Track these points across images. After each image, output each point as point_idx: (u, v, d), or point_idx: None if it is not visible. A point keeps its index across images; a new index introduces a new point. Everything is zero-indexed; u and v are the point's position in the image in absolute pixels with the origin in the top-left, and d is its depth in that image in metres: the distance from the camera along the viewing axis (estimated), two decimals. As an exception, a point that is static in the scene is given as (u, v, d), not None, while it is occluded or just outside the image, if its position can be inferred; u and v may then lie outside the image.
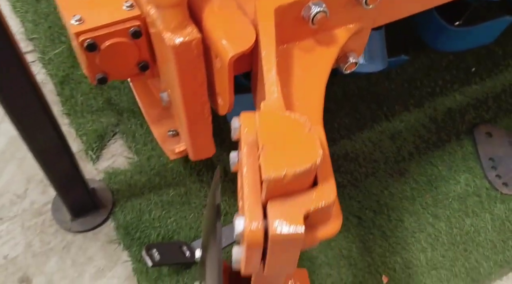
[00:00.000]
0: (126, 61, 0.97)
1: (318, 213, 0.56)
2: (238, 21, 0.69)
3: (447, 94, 1.58)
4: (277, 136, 0.54)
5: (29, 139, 1.01)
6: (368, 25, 0.78)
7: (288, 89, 0.69)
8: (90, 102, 1.47)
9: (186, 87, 0.74)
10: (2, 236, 1.28)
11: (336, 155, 1.44)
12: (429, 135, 1.50)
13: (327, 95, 1.51)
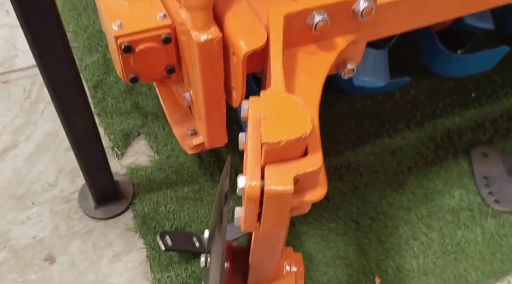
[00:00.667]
0: (156, 64, 1.12)
1: (307, 178, 0.68)
2: (253, 24, 0.84)
3: (447, 116, 1.69)
4: (276, 111, 0.67)
5: (69, 127, 1.16)
6: (365, 36, 0.92)
7: (291, 86, 0.83)
8: (119, 105, 1.63)
9: (207, 80, 0.89)
10: (32, 218, 1.42)
11: (340, 164, 1.56)
12: (427, 152, 1.61)
13: (333, 111, 1.64)
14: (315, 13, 0.82)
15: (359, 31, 0.89)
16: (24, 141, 1.57)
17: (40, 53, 0.99)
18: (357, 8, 0.85)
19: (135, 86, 1.67)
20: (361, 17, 0.85)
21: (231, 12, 0.86)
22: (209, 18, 0.83)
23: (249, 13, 0.85)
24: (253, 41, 0.81)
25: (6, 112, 1.63)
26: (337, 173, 1.54)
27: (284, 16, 0.81)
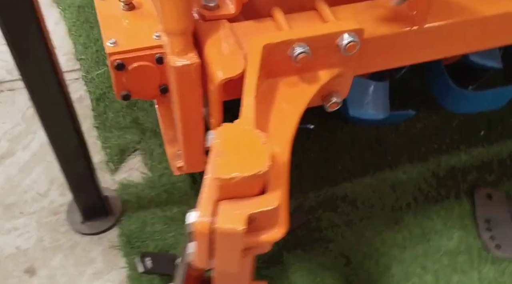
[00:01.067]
0: (149, 83, 1.10)
1: (263, 217, 0.65)
2: (233, 53, 0.81)
3: (452, 153, 1.63)
4: (235, 145, 0.64)
5: (54, 142, 1.16)
6: (350, 70, 0.88)
7: (266, 116, 0.80)
8: (119, 120, 1.63)
9: (184, 105, 0.87)
10: (19, 228, 1.41)
11: (336, 195, 1.51)
12: (429, 189, 1.55)
13: (335, 139, 1.59)
14: (295, 45, 0.79)
15: (344, 65, 0.86)
16: (21, 149, 1.58)
17: (23, 67, 0.99)
18: (341, 43, 0.82)
19: (137, 101, 1.67)
20: (344, 52, 0.82)
21: (213, 39, 0.84)
22: (188, 43, 0.81)
23: (231, 41, 0.83)
24: (230, 69, 0.79)
25: (8, 119, 1.65)
26: (332, 204, 1.49)
27: (263, 46, 0.78)
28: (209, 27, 0.85)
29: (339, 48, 0.82)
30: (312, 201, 1.50)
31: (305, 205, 1.48)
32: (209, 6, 0.86)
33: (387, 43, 0.88)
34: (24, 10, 0.91)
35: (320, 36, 0.80)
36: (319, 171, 1.56)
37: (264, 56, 0.79)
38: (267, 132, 0.78)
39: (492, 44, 0.99)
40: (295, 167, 1.55)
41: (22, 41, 0.93)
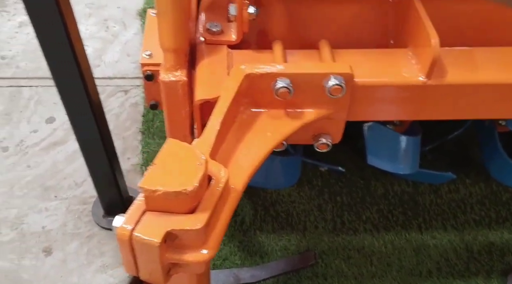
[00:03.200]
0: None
1: (186, 236, 0.66)
2: (219, 76, 0.84)
3: (494, 228, 1.49)
4: (171, 160, 0.66)
5: (81, 142, 1.26)
6: (340, 114, 0.86)
7: (239, 141, 0.81)
8: (163, 128, 1.71)
9: (171, 118, 0.90)
10: (49, 210, 1.53)
11: (351, 245, 1.45)
12: (457, 262, 1.43)
13: (367, 188, 1.54)
14: (277, 79, 0.80)
15: (332, 107, 0.84)
16: (73, 140, 1.70)
17: (52, 67, 1.09)
18: (326, 84, 0.80)
19: (183, 115, 1.74)
20: (329, 94, 0.81)
21: (206, 61, 0.87)
22: (179, 61, 0.85)
23: (222, 65, 0.86)
24: (208, 91, 0.81)
25: (70, 111, 1.80)
26: (345, 252, 1.43)
27: (246, 75, 0.80)
28: (208, 50, 0.88)
29: (324, 89, 0.81)
30: (325, 245, 1.45)
31: (317, 248, 1.44)
32: (212, 30, 0.89)
33: (381, 93, 0.85)
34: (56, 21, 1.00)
35: (305, 74, 0.80)
36: (342, 217, 1.51)
37: (246, 84, 0.81)
38: (233, 156, 0.78)
39: (498, 114, 0.91)
40: (317, 207, 1.52)
41: (52, 45, 1.03)
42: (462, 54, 0.89)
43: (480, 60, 0.89)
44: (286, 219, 1.50)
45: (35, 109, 1.81)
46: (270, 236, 1.46)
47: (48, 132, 1.74)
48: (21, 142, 1.70)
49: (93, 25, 2.13)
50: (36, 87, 1.88)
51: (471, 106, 0.87)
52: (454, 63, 0.86)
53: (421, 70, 0.86)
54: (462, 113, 0.91)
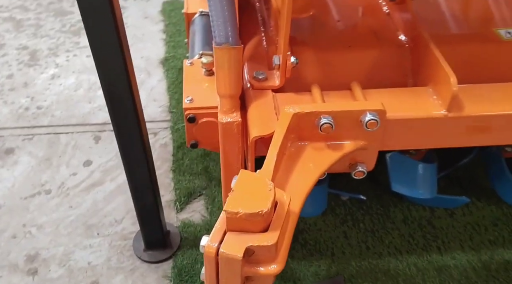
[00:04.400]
0: (213, 135, 1.31)
1: (262, 252, 0.78)
2: (269, 117, 0.98)
3: (508, 247, 1.61)
4: (246, 187, 0.79)
5: (131, 179, 1.39)
6: (374, 145, 1.00)
7: (291, 170, 0.94)
8: (192, 166, 1.85)
9: (226, 154, 1.04)
10: (93, 246, 1.64)
11: (378, 268, 1.55)
12: (477, 279, 1.53)
13: (387, 214, 1.66)
14: (321, 116, 0.94)
15: (368, 139, 0.98)
16: (109, 181, 1.84)
17: (114, 114, 1.23)
18: (363, 119, 0.95)
19: (210, 153, 1.88)
20: (366, 128, 0.95)
21: (256, 104, 1.01)
22: (234, 105, 1.00)
23: (270, 107, 1.00)
24: (262, 129, 0.95)
25: (104, 154, 1.94)
26: (372, 276, 1.54)
27: (293, 115, 0.94)
28: (256, 94, 1.03)
29: (362, 124, 0.95)
30: (353, 269, 1.55)
31: (346, 272, 1.55)
32: (258, 78, 1.04)
33: (409, 126, 0.99)
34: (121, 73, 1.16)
35: (345, 111, 0.94)
36: (366, 242, 1.62)
37: (294, 122, 0.95)
38: (287, 184, 0.91)
39: (508, 140, 1.05)
40: (342, 234, 1.64)
41: (115, 94, 1.18)
42: (474, 90, 1.04)
43: (490, 94, 1.04)
44: (314, 246, 1.61)
45: (72, 154, 1.94)
46: (301, 263, 1.57)
47: (86, 175, 1.86)
48: (62, 185, 1.83)
49: (120, 74, 2.30)
50: (72, 133, 2.02)
51: (485, 134, 1.01)
52: (469, 97, 1.01)
53: (442, 104, 1.00)
54: (477, 140, 1.05)
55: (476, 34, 1.23)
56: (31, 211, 1.74)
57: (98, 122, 2.07)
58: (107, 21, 1.02)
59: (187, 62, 1.46)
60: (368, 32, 1.23)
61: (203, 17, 1.78)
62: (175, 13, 2.62)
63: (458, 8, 1.30)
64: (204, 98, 1.28)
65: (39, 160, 1.92)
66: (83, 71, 2.32)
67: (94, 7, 1.00)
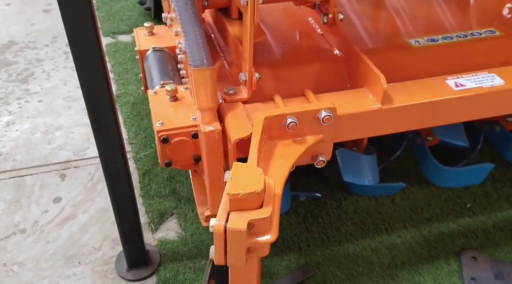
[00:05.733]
0: (186, 153, 1.48)
1: (260, 224, 0.97)
2: (244, 122, 1.19)
3: (442, 221, 1.90)
4: (241, 175, 0.98)
5: (115, 203, 1.53)
6: (330, 137, 1.24)
7: (267, 165, 1.15)
8: (160, 190, 2.00)
9: (210, 160, 1.23)
10: (77, 274, 1.73)
11: (339, 254, 1.78)
12: (421, 251, 1.80)
13: (340, 207, 1.89)
14: (287, 117, 1.16)
15: (324, 132, 1.21)
16: (82, 213, 1.94)
17: (101, 148, 1.38)
18: (320, 116, 1.18)
19: (176, 175, 2.05)
20: (322, 122, 1.18)
21: (231, 114, 1.22)
22: (213, 116, 1.20)
23: (243, 115, 1.22)
24: (241, 132, 1.16)
25: (72, 190, 2.04)
26: (336, 260, 1.76)
27: (265, 118, 1.16)
28: (229, 107, 1.24)
29: (319, 120, 1.19)
30: (319, 258, 1.77)
31: (313, 261, 1.75)
32: (229, 93, 1.25)
33: (354, 119, 1.24)
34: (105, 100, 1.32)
35: (305, 111, 1.17)
36: (326, 233, 1.85)
37: (266, 124, 1.16)
38: (267, 175, 1.12)
39: (436, 122, 1.34)
40: (305, 229, 1.85)
41: (101, 122, 1.34)
42: (398, 86, 1.31)
43: (410, 89, 1.32)
44: (282, 243, 1.81)
45: (40, 193, 2.02)
46: (273, 260, 1.76)
47: (58, 210, 1.95)
48: (35, 223, 1.90)
49: (74, 114, 2.41)
50: (37, 174, 2.10)
51: (411, 120, 1.28)
52: (395, 92, 1.28)
53: (376, 100, 1.26)
54: (407, 125, 1.32)
55: (393, 45, 1.53)
56: (9, 251, 1.80)
57: (60, 161, 2.17)
58: (93, 51, 1.19)
59: (151, 92, 1.64)
60: (308, 50, 1.49)
61: (156, 52, 1.97)
62: (119, 53, 2.79)
63: (376, 26, 1.60)
64: (173, 120, 1.46)
65: (8, 203, 1.98)
66: (37, 116, 2.41)
67: (82, 40, 1.16)
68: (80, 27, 1.16)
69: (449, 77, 1.34)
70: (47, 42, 2.95)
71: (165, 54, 1.98)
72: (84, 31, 1.17)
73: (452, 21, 1.65)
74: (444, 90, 1.30)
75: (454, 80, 1.33)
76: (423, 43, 1.51)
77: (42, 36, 3.01)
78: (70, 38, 1.18)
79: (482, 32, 1.55)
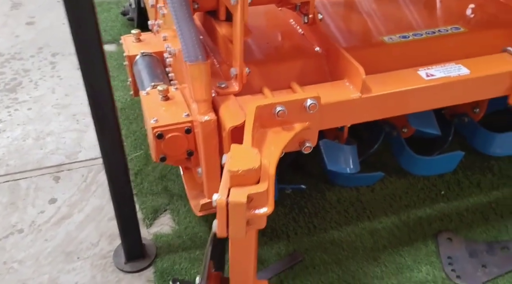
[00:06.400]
0: (179, 148, 1.58)
1: (257, 198, 1.08)
2: (237, 112, 1.30)
3: (419, 208, 2.04)
4: (239, 155, 1.09)
5: (117, 204, 1.62)
6: (315, 125, 1.36)
7: (260, 150, 1.26)
8: (153, 188, 2.09)
9: (206, 148, 1.33)
10: (76, 269, 1.80)
11: (325, 240, 1.90)
12: (401, 235, 1.93)
13: (324, 198, 2.00)
14: (277, 106, 1.28)
15: (310, 120, 1.33)
16: (77, 212, 2.02)
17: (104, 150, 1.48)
18: (306, 104, 1.30)
19: (167, 174, 2.14)
20: (309, 110, 1.30)
21: (224, 105, 1.33)
22: (209, 107, 1.31)
23: (236, 106, 1.33)
24: (235, 120, 1.27)
25: (66, 191, 2.11)
26: (322, 246, 1.87)
27: (256, 107, 1.27)
28: (222, 99, 1.35)
29: (305, 108, 1.31)
30: (306, 245, 1.88)
31: (301, 248, 1.87)
32: (221, 86, 1.37)
33: (336, 107, 1.37)
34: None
35: (293, 100, 1.29)
36: (312, 222, 1.96)
37: (257, 113, 1.27)
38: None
39: (411, 109, 1.48)
40: (292, 219, 1.96)
41: (104, 121, 1.44)
42: (375, 78, 1.44)
43: (385, 80, 1.45)
44: (272, 233, 1.92)
45: (35, 195, 2.09)
46: (264, 248, 1.86)
47: (54, 211, 2.02)
48: (32, 223, 1.97)
49: (64, 121, 2.49)
50: (31, 177, 2.17)
51: (388, 107, 1.42)
52: (373, 83, 1.41)
53: (356, 90, 1.39)
54: (384, 113, 1.45)
55: (368, 42, 1.67)
56: (8, 250, 1.86)
57: (53, 164, 2.24)
58: (96, 52, 1.29)
59: (143, 93, 1.73)
60: (291, 48, 1.61)
61: (145, 57, 2.07)
62: (104, 62, 2.87)
63: (350, 27, 1.74)
64: (166, 117, 1.56)
65: (4, 205, 2.04)
66: (27, 123, 2.47)
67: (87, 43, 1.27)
68: (85, 32, 1.26)
69: (420, 68, 1.48)
70: (33, 53, 3.01)
71: (154, 58, 2.08)
72: (89, 37, 1.27)
73: (420, 21, 1.80)
74: (417, 80, 1.44)
75: (425, 71, 1.47)
76: (396, 39, 1.65)
77: (27, 47, 3.08)
78: (76, 41, 1.27)
79: (448, 29, 1.71)
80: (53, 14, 3.48)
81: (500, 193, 2.10)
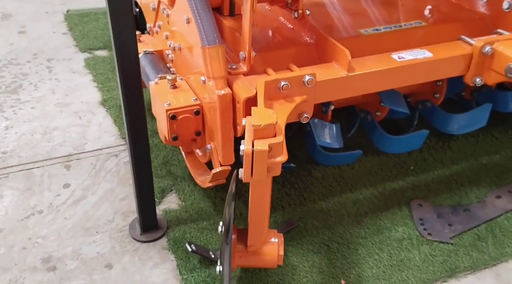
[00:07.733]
0: (189, 128, 1.84)
1: (275, 148, 1.35)
2: (248, 87, 1.58)
3: (393, 180, 2.35)
4: (259, 114, 1.36)
5: (139, 181, 1.85)
6: (312, 98, 1.65)
7: (270, 117, 1.54)
8: (157, 172, 2.32)
9: (223, 119, 1.60)
10: (96, 241, 2.01)
11: (315, 209, 2.18)
12: (379, 203, 2.23)
13: (311, 175, 2.29)
14: (281, 81, 1.57)
15: (307, 94, 1.62)
16: (91, 194, 2.22)
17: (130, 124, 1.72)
18: (305, 80, 1.59)
19: (169, 160, 2.38)
20: (307, 84, 1.59)
21: (236, 82, 1.61)
22: (225, 83, 1.58)
23: (247, 82, 1.61)
24: (248, 92, 1.55)
25: (79, 177, 2.31)
26: (313, 214, 2.15)
27: (265, 82, 1.55)
28: (233, 78, 1.63)
29: (304, 83, 1.60)
30: (299, 213, 2.15)
31: (295, 216, 2.14)
32: (233, 67, 1.65)
33: (328, 84, 1.67)
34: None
35: (294, 76, 1.58)
36: (302, 195, 2.24)
37: (266, 87, 1.56)
38: (271, 123, 1.50)
39: (387, 86, 1.80)
40: (285, 193, 2.24)
41: (132, 100, 1.68)
42: (358, 60, 1.76)
43: (365, 62, 1.77)
44: (268, 205, 2.18)
45: (50, 181, 2.28)
46: (262, 217, 2.12)
47: (69, 194, 2.22)
48: (51, 205, 2.16)
49: (68, 117, 2.69)
50: (43, 167, 2.36)
51: (369, 84, 1.73)
52: (356, 64, 1.72)
53: (343, 69, 1.69)
54: (366, 88, 1.76)
55: (349, 34, 1.99)
56: (31, 228, 2.05)
57: (63, 155, 2.43)
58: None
59: (152, 83, 1.99)
60: (285, 39, 1.91)
61: (148, 55, 2.32)
62: (99, 65, 3.09)
63: (331, 21, 2.06)
64: (177, 102, 1.82)
65: (22, 191, 2.22)
66: (33, 120, 2.66)
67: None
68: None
69: (393, 53, 1.81)
70: (29, 59, 3.20)
71: (155, 56, 2.34)
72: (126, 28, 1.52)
73: (387, 17, 2.15)
74: (391, 61, 1.76)
75: (397, 54, 1.79)
76: (370, 32, 1.98)
77: (22, 54, 3.26)
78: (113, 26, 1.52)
79: (412, 23, 2.06)
80: (42, 24, 3.67)
81: (459, 167, 2.45)
